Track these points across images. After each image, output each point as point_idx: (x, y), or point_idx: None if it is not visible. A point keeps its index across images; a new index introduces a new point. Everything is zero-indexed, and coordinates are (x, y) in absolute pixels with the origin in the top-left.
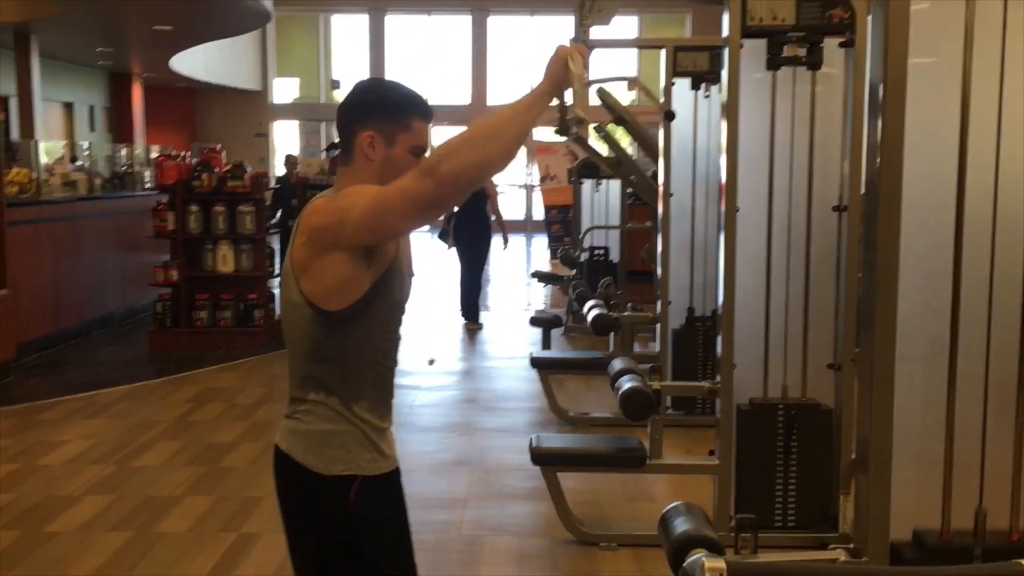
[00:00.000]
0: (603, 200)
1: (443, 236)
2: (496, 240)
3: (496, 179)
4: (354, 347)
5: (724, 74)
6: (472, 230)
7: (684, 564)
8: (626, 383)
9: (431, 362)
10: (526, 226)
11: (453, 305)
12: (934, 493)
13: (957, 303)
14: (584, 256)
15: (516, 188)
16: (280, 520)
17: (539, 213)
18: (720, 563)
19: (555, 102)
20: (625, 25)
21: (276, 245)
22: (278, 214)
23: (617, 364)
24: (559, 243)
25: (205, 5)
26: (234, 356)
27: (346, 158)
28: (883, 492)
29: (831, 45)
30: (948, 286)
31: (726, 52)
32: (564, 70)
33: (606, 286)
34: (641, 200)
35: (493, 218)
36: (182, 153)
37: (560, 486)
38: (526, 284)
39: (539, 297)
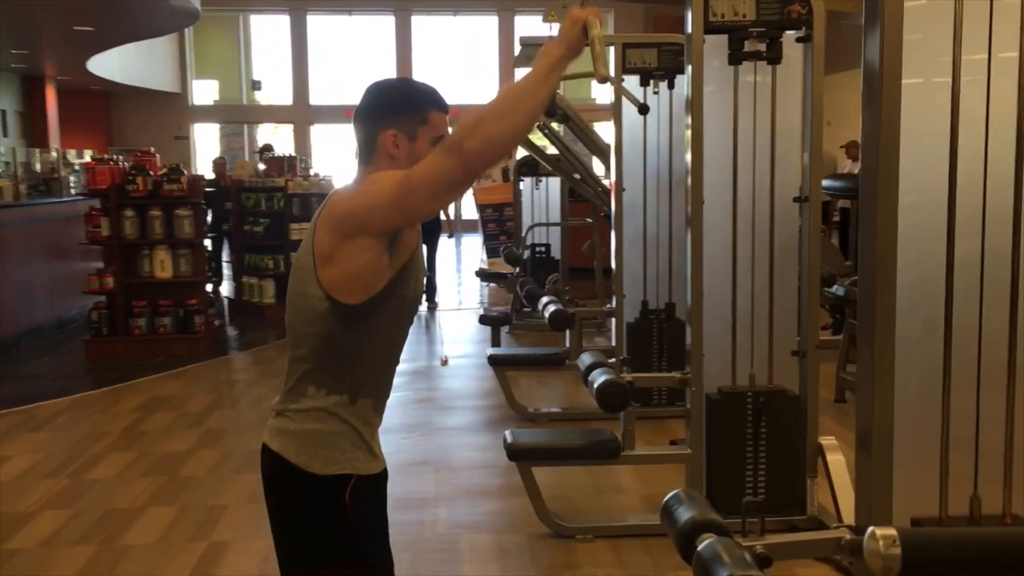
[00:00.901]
0: (543, 197)
1: None
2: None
3: None
4: (366, 343)
5: (688, 69)
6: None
7: (698, 548)
8: (600, 376)
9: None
10: (455, 226)
11: None
12: (931, 478)
13: (951, 285)
14: (526, 254)
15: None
16: (252, 527)
17: (469, 212)
18: (891, 531)
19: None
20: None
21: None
22: (209, 218)
23: (587, 358)
24: (495, 242)
25: (130, 4)
26: (176, 363)
27: (367, 159)
28: (886, 479)
29: (789, 40)
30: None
31: (688, 48)
32: (581, 35)
33: (554, 282)
34: (582, 197)
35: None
36: (115, 157)
37: (535, 481)
38: (456, 284)
39: (475, 296)
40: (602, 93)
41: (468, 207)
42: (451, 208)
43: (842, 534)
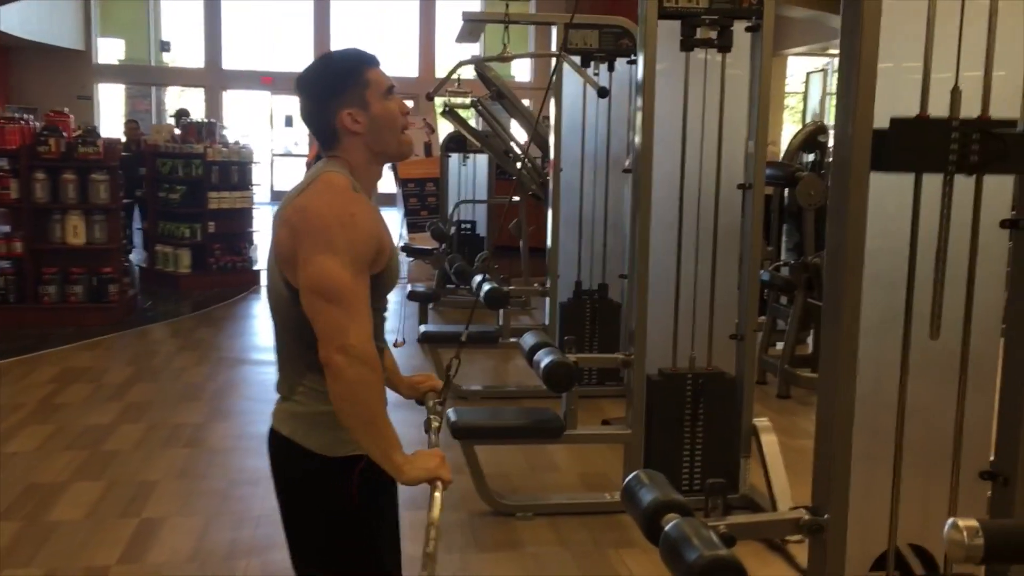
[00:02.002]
0: (470, 174)
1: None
2: None
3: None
4: None
5: (640, 54)
6: None
7: (665, 528)
8: (546, 356)
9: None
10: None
11: None
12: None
13: (912, 276)
14: (452, 230)
15: None
16: (184, 502)
17: (389, 187)
18: (972, 522)
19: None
20: (470, 6)
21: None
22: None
23: (530, 339)
24: (417, 216)
25: None
26: (89, 333)
27: (331, 145)
28: (844, 466)
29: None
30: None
31: (641, 32)
32: (425, 480)
33: (483, 260)
34: (509, 175)
35: None
36: (24, 117)
37: (477, 459)
38: None
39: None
40: (521, 71)
41: (388, 181)
42: None
43: (800, 515)
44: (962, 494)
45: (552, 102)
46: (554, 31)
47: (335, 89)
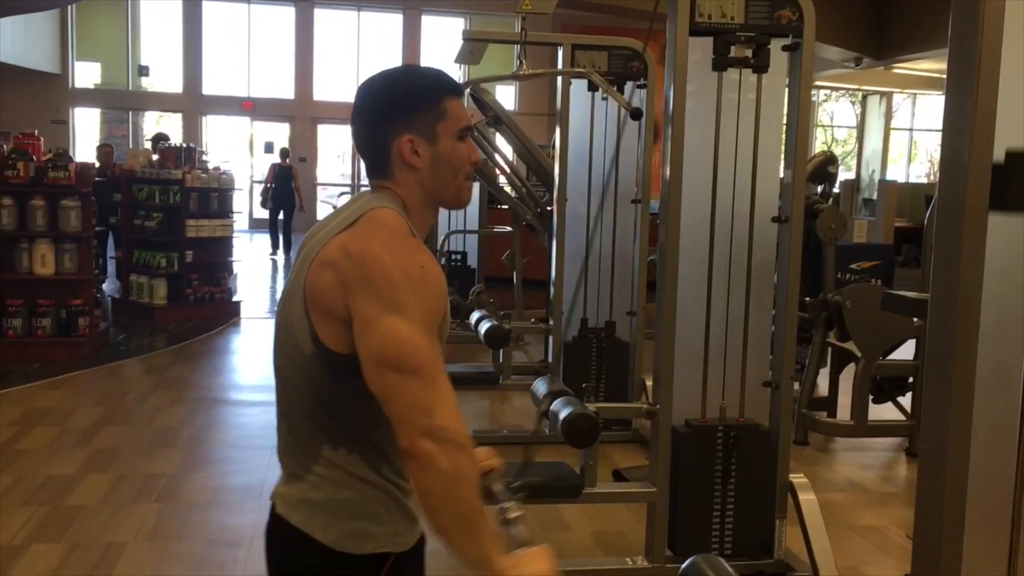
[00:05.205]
0: None
1: (263, 197)
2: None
3: (299, 167)
4: (365, 396)
5: (671, 74)
6: (282, 197)
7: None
8: (564, 408)
9: None
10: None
11: None
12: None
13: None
14: (442, 261)
15: (338, 191)
16: (155, 568)
17: None
18: None
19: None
20: (453, 26)
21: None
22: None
23: (543, 386)
24: None
25: None
26: (56, 370)
27: (381, 174)
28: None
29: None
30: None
31: (670, 50)
32: None
33: (478, 294)
34: (502, 204)
35: None
36: None
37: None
38: None
39: None
40: (505, 98)
41: None
42: (300, 187)
43: None
44: None
45: (558, 129)
46: (560, 52)
47: (405, 108)
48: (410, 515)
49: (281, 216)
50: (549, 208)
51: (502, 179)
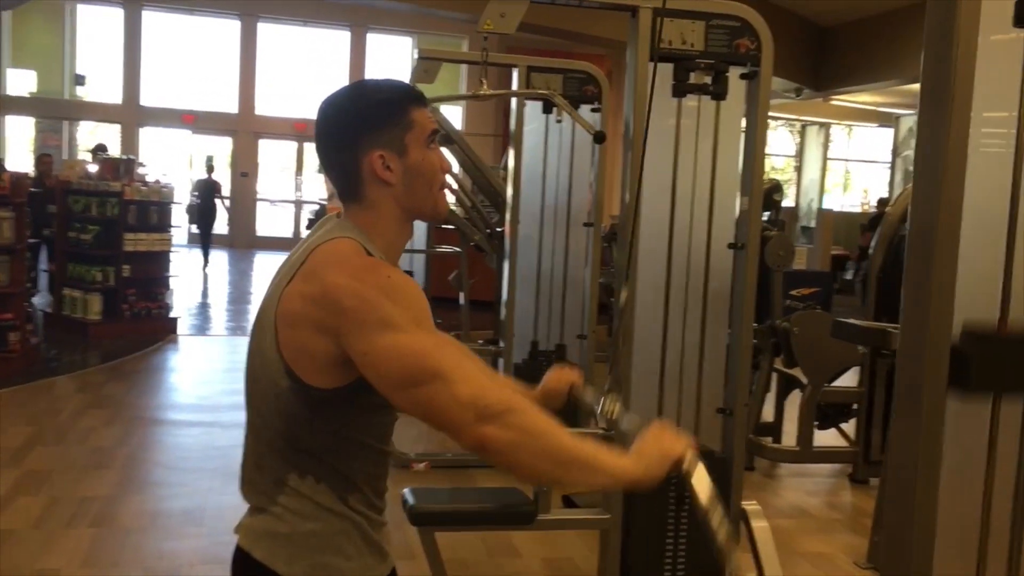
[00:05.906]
0: None
1: (189, 212)
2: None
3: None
4: (344, 430)
5: (628, 99)
6: (204, 208)
7: None
8: None
9: None
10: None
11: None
12: None
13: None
14: None
15: (283, 204)
16: None
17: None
18: None
19: None
20: (400, 45)
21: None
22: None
23: None
24: None
25: None
26: None
27: (352, 194)
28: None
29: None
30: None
31: (630, 74)
32: (671, 469)
33: None
34: (449, 224)
35: None
36: None
37: (437, 548)
38: None
39: None
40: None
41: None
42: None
43: None
44: None
45: (511, 150)
46: (515, 73)
47: (370, 123)
48: (379, 549)
49: (197, 228)
50: (499, 229)
51: (451, 198)
